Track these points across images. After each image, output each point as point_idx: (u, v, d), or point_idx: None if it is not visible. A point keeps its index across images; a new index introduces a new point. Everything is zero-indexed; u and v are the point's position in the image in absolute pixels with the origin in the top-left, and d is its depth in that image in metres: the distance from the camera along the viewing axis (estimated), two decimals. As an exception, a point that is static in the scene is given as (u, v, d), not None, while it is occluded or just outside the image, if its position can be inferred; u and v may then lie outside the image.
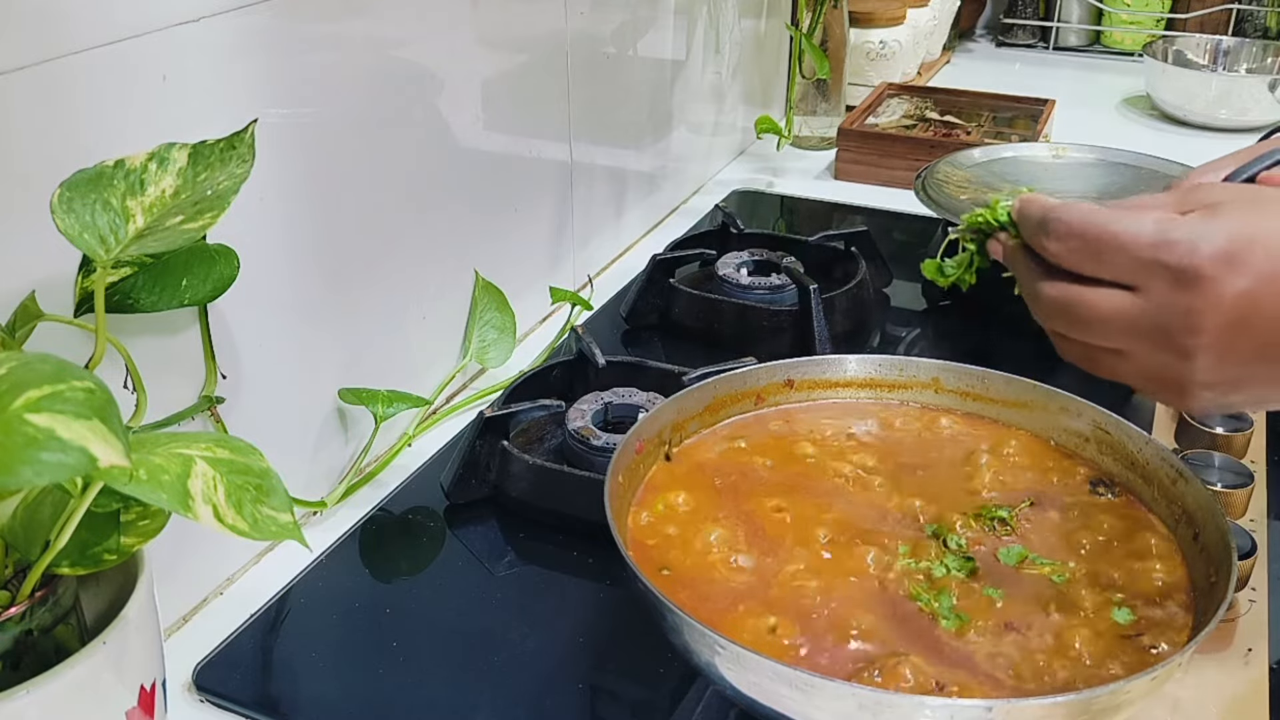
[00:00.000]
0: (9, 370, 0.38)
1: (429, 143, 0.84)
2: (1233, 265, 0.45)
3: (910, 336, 1.02)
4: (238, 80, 0.65)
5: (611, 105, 1.11)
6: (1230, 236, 0.46)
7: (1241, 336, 0.46)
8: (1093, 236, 0.49)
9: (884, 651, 0.54)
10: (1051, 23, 1.97)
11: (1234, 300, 0.46)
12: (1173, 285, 0.46)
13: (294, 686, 0.64)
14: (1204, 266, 0.46)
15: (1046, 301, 0.52)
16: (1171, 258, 0.46)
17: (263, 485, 0.46)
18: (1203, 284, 0.46)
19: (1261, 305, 0.45)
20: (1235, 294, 0.45)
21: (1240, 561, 0.58)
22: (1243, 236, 0.46)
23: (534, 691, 0.62)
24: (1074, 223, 0.50)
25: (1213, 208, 0.47)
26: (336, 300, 0.77)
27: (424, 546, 0.75)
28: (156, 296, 0.58)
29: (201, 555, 0.69)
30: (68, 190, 0.49)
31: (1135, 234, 0.47)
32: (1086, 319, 0.50)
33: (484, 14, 0.87)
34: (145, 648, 0.49)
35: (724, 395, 0.70)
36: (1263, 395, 0.49)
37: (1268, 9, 1.83)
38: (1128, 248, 0.48)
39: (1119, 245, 0.48)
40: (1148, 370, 0.50)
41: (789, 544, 0.61)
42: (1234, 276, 0.45)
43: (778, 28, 1.49)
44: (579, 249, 1.09)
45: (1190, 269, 0.46)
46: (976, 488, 0.65)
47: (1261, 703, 0.60)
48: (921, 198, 1.03)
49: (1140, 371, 0.50)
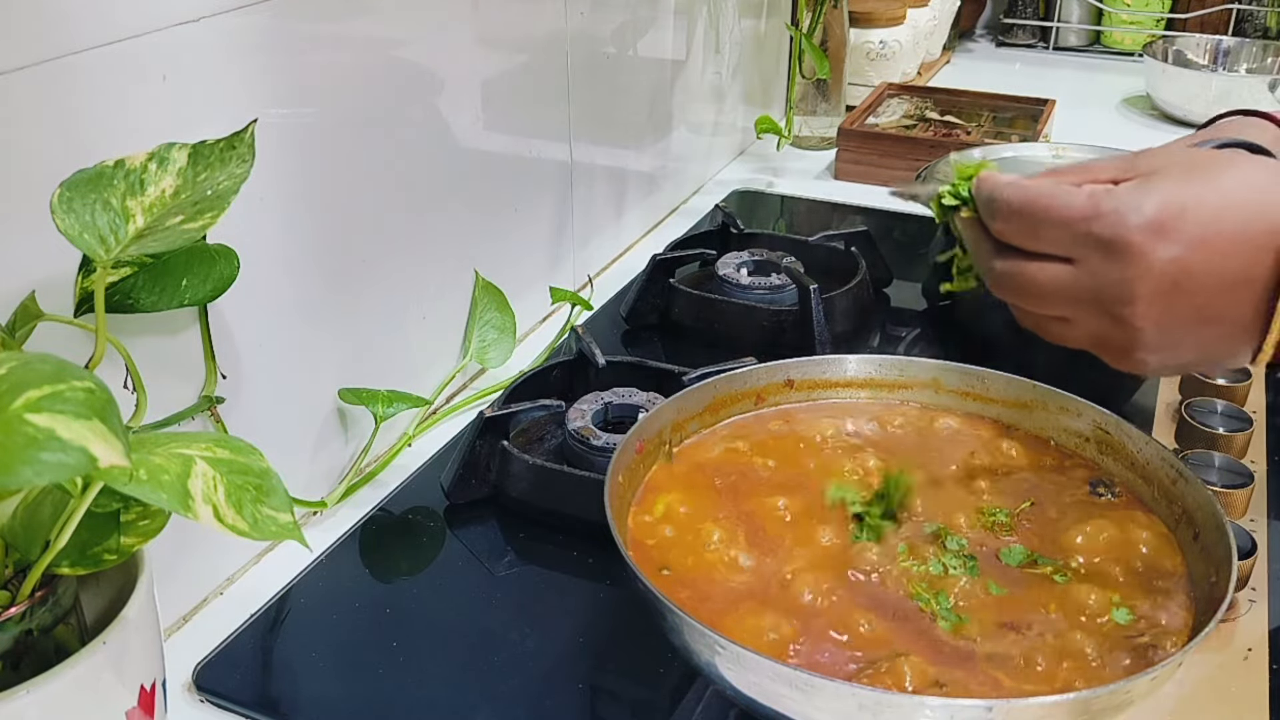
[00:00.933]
0: (9, 370, 0.38)
1: (429, 143, 0.84)
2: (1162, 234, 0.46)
3: (910, 336, 1.02)
4: (238, 80, 0.65)
5: (611, 105, 1.11)
6: (1160, 205, 0.47)
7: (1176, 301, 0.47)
8: (1030, 213, 0.51)
9: (884, 651, 0.54)
10: (1051, 23, 1.97)
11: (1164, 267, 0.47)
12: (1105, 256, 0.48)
13: (294, 686, 0.64)
14: (1132, 237, 0.47)
15: (996, 275, 0.54)
16: (1102, 230, 0.48)
17: (263, 485, 0.46)
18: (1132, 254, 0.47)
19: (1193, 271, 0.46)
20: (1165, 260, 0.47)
21: (1240, 561, 0.58)
22: (1174, 204, 0.47)
23: (534, 691, 0.62)
24: (1014, 200, 0.51)
25: (1148, 176, 0.49)
26: (336, 300, 0.77)
27: (424, 546, 0.75)
28: (156, 296, 0.58)
29: (201, 555, 0.69)
30: (68, 190, 0.49)
31: (1068, 207, 0.49)
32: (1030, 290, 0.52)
33: (484, 14, 0.87)
34: (145, 648, 0.49)
35: (724, 395, 0.70)
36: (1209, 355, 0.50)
37: (1268, 9, 1.83)
38: (1061, 222, 0.49)
39: (1054, 220, 0.50)
40: (1093, 336, 0.52)
41: (789, 544, 0.61)
42: (1163, 244, 0.46)
43: (778, 28, 1.49)
44: (579, 249, 1.09)
45: (1119, 240, 0.47)
46: (977, 488, 0.65)
47: (1261, 703, 0.60)
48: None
49: (1086, 337, 0.52)
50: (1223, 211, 0.47)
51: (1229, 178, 0.48)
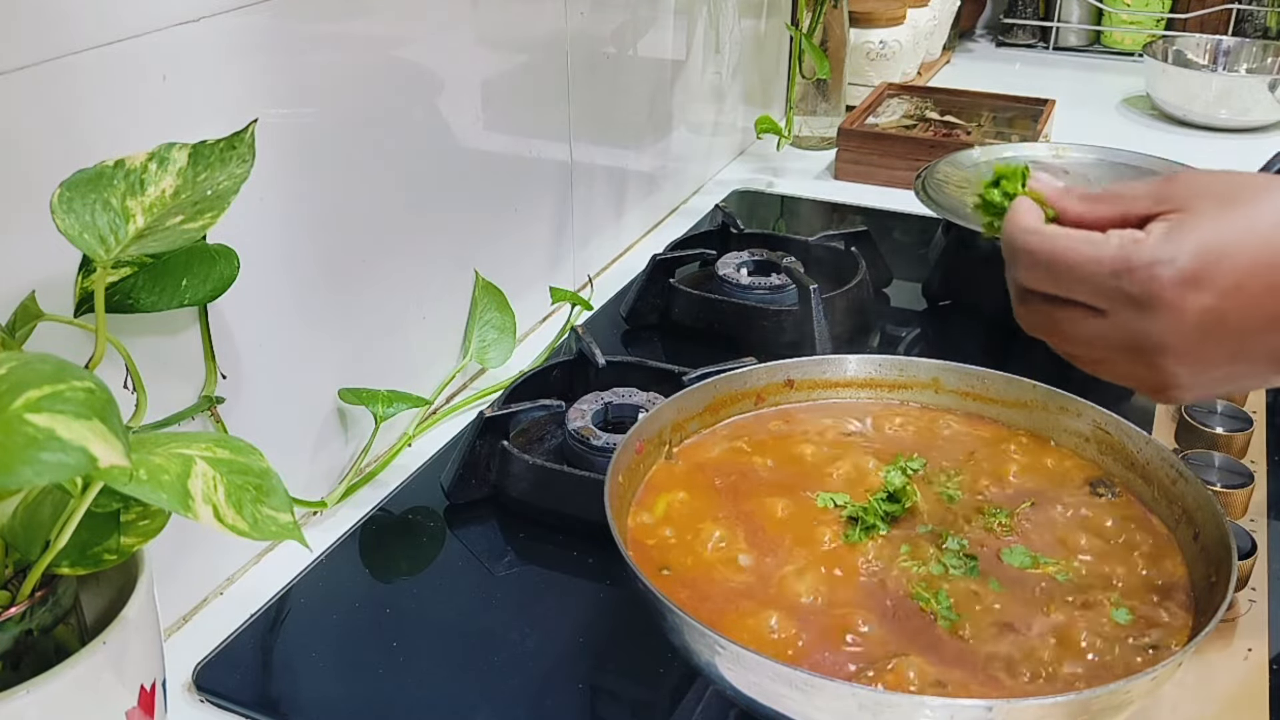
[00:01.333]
0: (9, 370, 0.38)
1: (429, 143, 0.84)
2: (1196, 285, 0.45)
3: (910, 336, 1.02)
4: (238, 80, 0.65)
5: (611, 105, 1.11)
6: (1193, 254, 0.45)
7: (1211, 348, 0.46)
8: (1056, 267, 0.49)
9: (884, 651, 0.54)
10: (1051, 23, 1.97)
11: (1198, 318, 0.46)
12: (1136, 311, 0.47)
13: (294, 686, 0.64)
14: (1165, 293, 0.46)
15: (1026, 316, 0.53)
16: (1133, 286, 0.46)
17: (263, 485, 0.46)
18: (1165, 308, 0.46)
19: (1228, 318, 0.45)
20: (1199, 311, 0.46)
21: (1240, 561, 0.58)
22: (1208, 252, 0.45)
23: (534, 691, 0.62)
24: (1039, 252, 0.50)
25: (1181, 214, 0.47)
26: (336, 300, 0.77)
27: (424, 546, 0.75)
28: (156, 296, 0.58)
29: (201, 555, 0.69)
30: (68, 190, 0.49)
31: (1096, 261, 0.48)
32: (1059, 335, 0.51)
33: (484, 14, 0.87)
34: (145, 648, 0.49)
35: (724, 395, 0.70)
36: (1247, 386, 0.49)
37: (1268, 9, 1.83)
38: (1090, 278, 0.48)
39: (1082, 276, 0.48)
40: (1127, 376, 0.51)
41: (789, 544, 0.61)
42: (1196, 295, 0.45)
43: (778, 28, 1.49)
44: (579, 249, 1.09)
45: (1151, 296, 0.46)
46: (977, 488, 0.65)
47: (1261, 703, 0.60)
48: (921, 198, 1.03)
49: (1120, 376, 0.51)
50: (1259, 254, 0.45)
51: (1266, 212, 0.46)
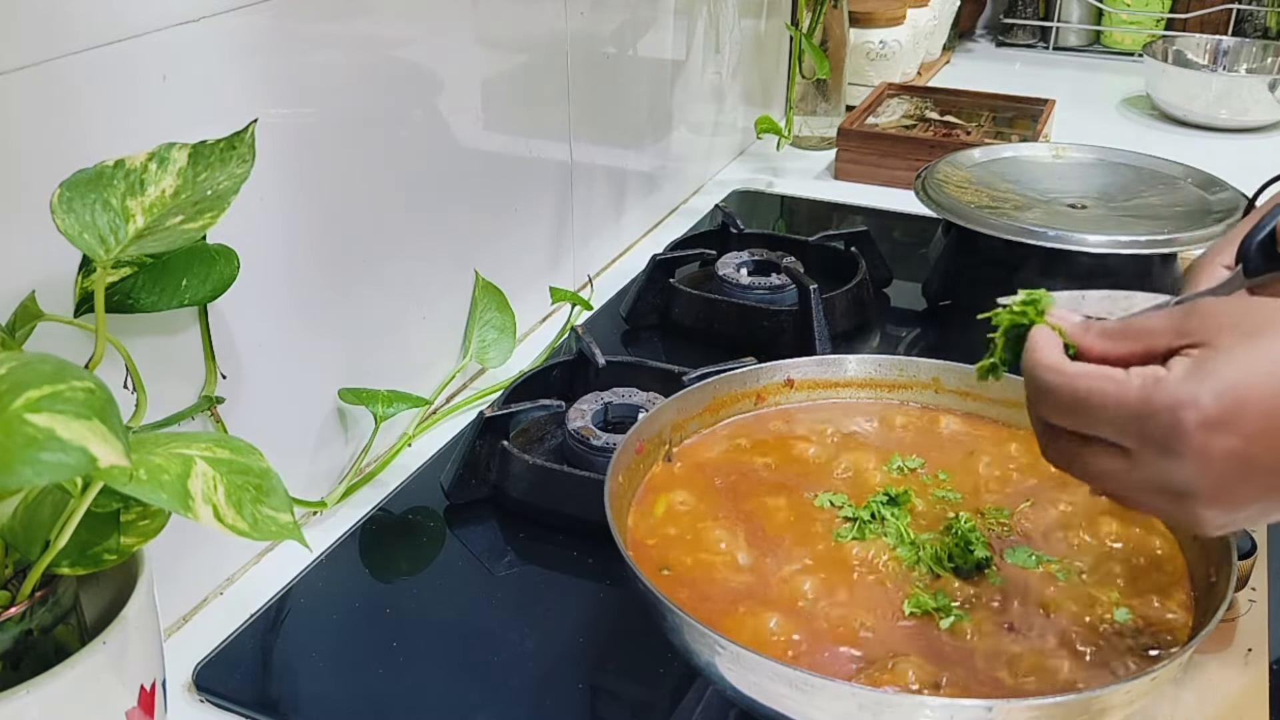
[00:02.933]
0: (9, 370, 0.38)
1: (429, 143, 0.84)
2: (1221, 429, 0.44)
3: (910, 336, 1.02)
4: (238, 80, 0.65)
5: (611, 105, 1.11)
6: (1217, 396, 0.44)
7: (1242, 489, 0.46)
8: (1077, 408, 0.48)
9: (884, 651, 0.54)
10: (1051, 23, 1.97)
11: (1224, 463, 0.45)
12: (1161, 455, 0.46)
13: (294, 686, 0.64)
14: (1190, 439, 0.45)
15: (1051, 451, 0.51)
16: (1156, 429, 0.45)
17: (263, 485, 0.46)
18: (1190, 453, 0.45)
19: (1255, 460, 0.45)
20: (1225, 454, 0.45)
21: (1240, 561, 0.58)
22: (1232, 394, 0.44)
23: (534, 691, 0.62)
24: (1060, 391, 0.49)
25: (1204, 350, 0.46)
26: (336, 300, 0.77)
27: (424, 546, 0.75)
28: (156, 296, 0.58)
29: (201, 555, 0.69)
30: (68, 190, 0.49)
31: (1120, 402, 0.47)
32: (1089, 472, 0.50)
33: (484, 14, 0.87)
34: (145, 648, 0.49)
35: (724, 395, 0.70)
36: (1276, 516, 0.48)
37: (1268, 9, 1.83)
38: (1114, 420, 0.47)
39: (1106, 418, 0.47)
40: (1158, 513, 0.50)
41: (789, 544, 0.61)
42: (1222, 438, 0.44)
43: (778, 28, 1.49)
44: (579, 249, 1.09)
45: (1175, 441, 0.45)
46: (977, 488, 0.65)
47: (1261, 703, 0.60)
48: (921, 198, 1.03)
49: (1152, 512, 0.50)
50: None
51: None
